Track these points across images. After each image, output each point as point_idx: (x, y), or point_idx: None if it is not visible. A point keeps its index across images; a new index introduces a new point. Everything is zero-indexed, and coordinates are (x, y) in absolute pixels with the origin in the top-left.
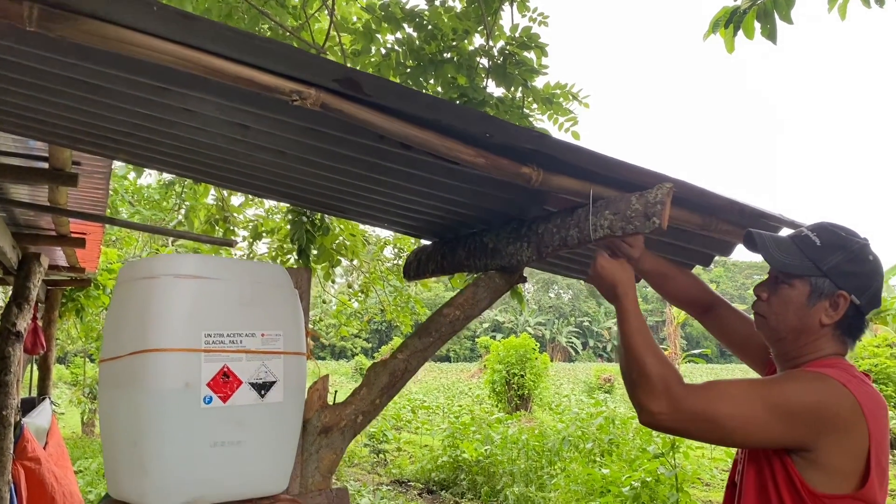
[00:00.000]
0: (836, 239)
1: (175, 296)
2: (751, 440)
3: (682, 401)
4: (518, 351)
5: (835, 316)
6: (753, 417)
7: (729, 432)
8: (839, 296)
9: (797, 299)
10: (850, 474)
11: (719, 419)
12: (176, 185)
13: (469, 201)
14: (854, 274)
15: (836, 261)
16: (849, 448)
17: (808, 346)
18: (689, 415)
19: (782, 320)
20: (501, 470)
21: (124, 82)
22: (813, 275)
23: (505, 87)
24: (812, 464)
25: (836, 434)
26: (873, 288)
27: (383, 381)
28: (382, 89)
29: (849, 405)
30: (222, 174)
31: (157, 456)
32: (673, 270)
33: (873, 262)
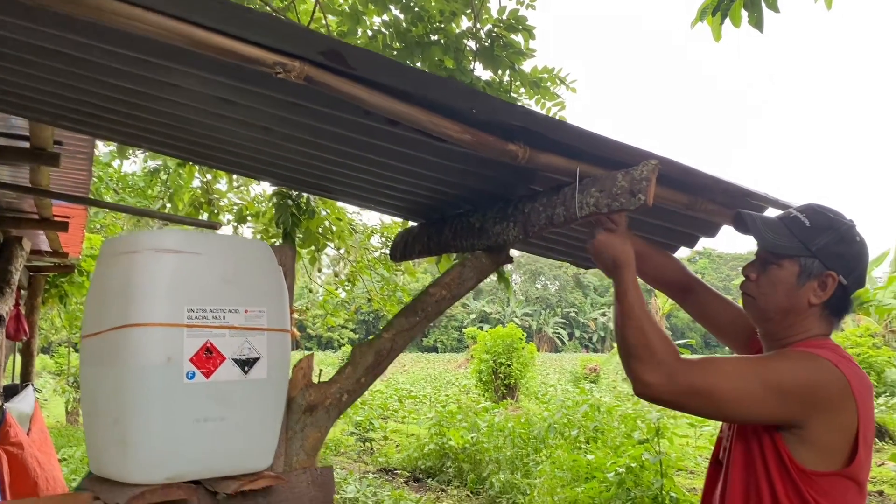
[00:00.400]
0: (824, 220)
1: (157, 270)
2: (744, 415)
3: (678, 374)
4: (505, 340)
5: (823, 296)
6: (748, 393)
7: (723, 407)
8: (827, 276)
9: (786, 279)
10: (838, 452)
11: (714, 393)
12: (161, 172)
13: (456, 180)
14: (842, 255)
15: (825, 241)
16: (838, 426)
17: (795, 325)
18: (684, 388)
19: (771, 300)
20: (487, 457)
21: (105, 54)
22: (802, 255)
23: (492, 69)
24: (802, 441)
25: (827, 412)
26: (859, 269)
27: (368, 360)
28: (367, 62)
29: (839, 384)
30: (206, 152)
31: (139, 431)
32: (652, 251)
33: (860, 243)
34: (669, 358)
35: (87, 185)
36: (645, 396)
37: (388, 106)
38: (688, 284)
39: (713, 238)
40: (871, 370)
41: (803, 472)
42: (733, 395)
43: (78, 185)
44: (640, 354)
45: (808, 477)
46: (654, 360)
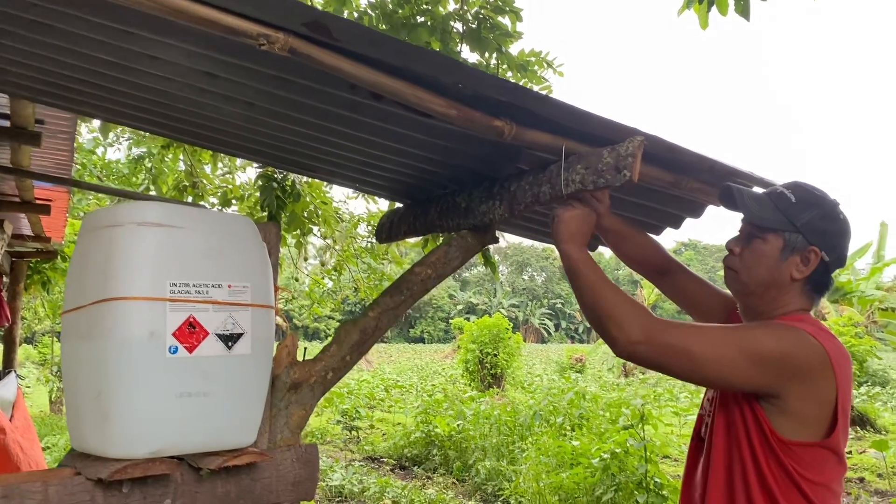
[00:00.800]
0: (810, 196)
1: (139, 244)
2: (723, 380)
3: (657, 331)
4: (492, 331)
5: (805, 271)
6: (727, 357)
7: (703, 368)
8: (811, 251)
9: (770, 253)
10: (817, 423)
11: (694, 354)
12: (145, 159)
13: (441, 159)
14: (826, 231)
15: (810, 217)
16: (817, 397)
17: (776, 300)
18: (665, 347)
19: (754, 274)
20: (473, 445)
21: (87, 25)
22: (787, 229)
23: (479, 52)
24: (781, 411)
25: (805, 383)
26: (841, 246)
27: (354, 339)
28: (352, 34)
29: (818, 356)
30: (189, 129)
31: (121, 406)
32: (631, 231)
33: (843, 221)
34: (647, 317)
35: (69, 166)
36: (627, 355)
37: (373, 79)
38: (666, 265)
39: (698, 218)
40: (854, 359)
41: (783, 442)
42: (712, 358)
43: (60, 167)
44: (616, 316)
45: (788, 447)
46: (632, 319)
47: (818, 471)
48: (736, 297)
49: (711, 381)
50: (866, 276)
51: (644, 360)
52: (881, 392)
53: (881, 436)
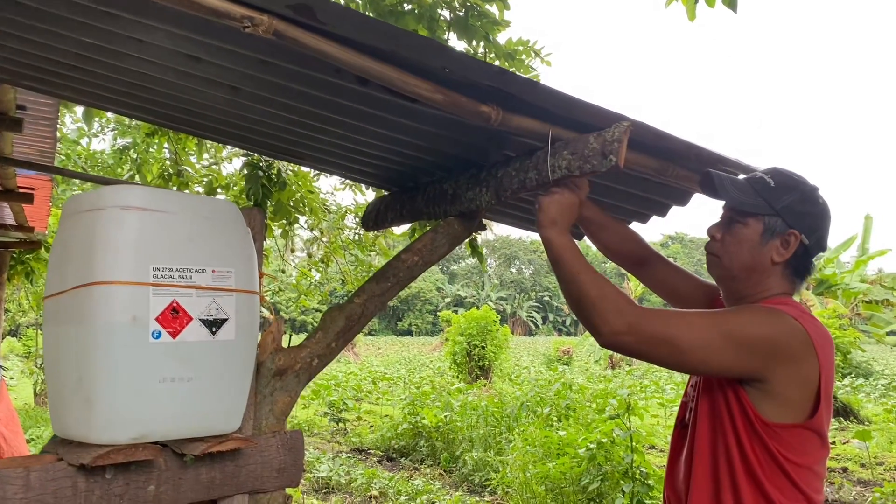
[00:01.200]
0: (789, 181)
1: (122, 228)
2: (707, 366)
3: (641, 321)
4: (479, 323)
5: (785, 254)
6: (711, 344)
7: (687, 356)
8: (790, 234)
9: (751, 237)
10: (800, 405)
11: (678, 342)
12: (130, 150)
13: (428, 145)
14: (805, 214)
15: (789, 201)
16: (800, 379)
17: (758, 284)
18: (649, 336)
19: (735, 258)
20: (461, 436)
21: (68, 7)
22: (766, 213)
23: (467, 40)
24: (765, 394)
25: (789, 365)
26: (821, 230)
27: (339, 325)
28: (337, 16)
29: (801, 338)
30: (173, 114)
31: (103, 391)
32: (610, 221)
33: (822, 205)
34: (630, 306)
35: (52, 153)
36: (610, 345)
37: (359, 63)
38: (646, 255)
39: (684, 206)
40: (838, 351)
41: (767, 425)
42: (697, 345)
43: (42, 154)
44: (600, 306)
45: (772, 430)
46: (616, 308)
47: (802, 452)
48: (718, 282)
49: (696, 367)
50: (851, 269)
51: (628, 349)
52: (864, 383)
53: (864, 426)
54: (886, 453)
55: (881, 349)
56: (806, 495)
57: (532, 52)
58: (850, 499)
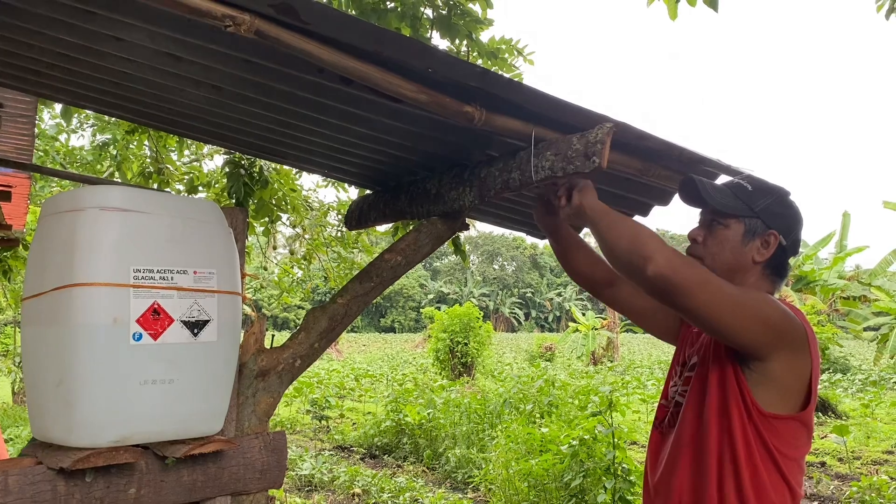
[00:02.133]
0: (764, 185)
1: (102, 229)
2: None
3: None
4: (462, 319)
5: (766, 254)
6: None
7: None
8: (770, 234)
9: (733, 238)
10: (794, 395)
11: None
12: (110, 146)
13: (411, 145)
14: (782, 215)
15: (767, 203)
16: (797, 369)
17: (741, 284)
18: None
19: (719, 259)
20: (444, 433)
21: (47, 4)
22: (746, 215)
23: (450, 38)
24: (763, 378)
25: (788, 350)
26: (796, 231)
27: (322, 326)
28: (320, 16)
29: (800, 331)
30: (154, 113)
31: (83, 394)
32: (584, 244)
33: (796, 207)
34: (673, 251)
35: (30, 151)
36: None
37: (342, 63)
38: (615, 277)
39: (666, 206)
40: None
41: (763, 414)
42: (730, 300)
43: (20, 152)
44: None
45: (767, 420)
46: (669, 249)
47: (793, 445)
48: None
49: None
50: (829, 266)
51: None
52: (842, 378)
53: (842, 421)
54: (864, 448)
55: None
56: (791, 488)
57: (515, 51)
58: (828, 493)
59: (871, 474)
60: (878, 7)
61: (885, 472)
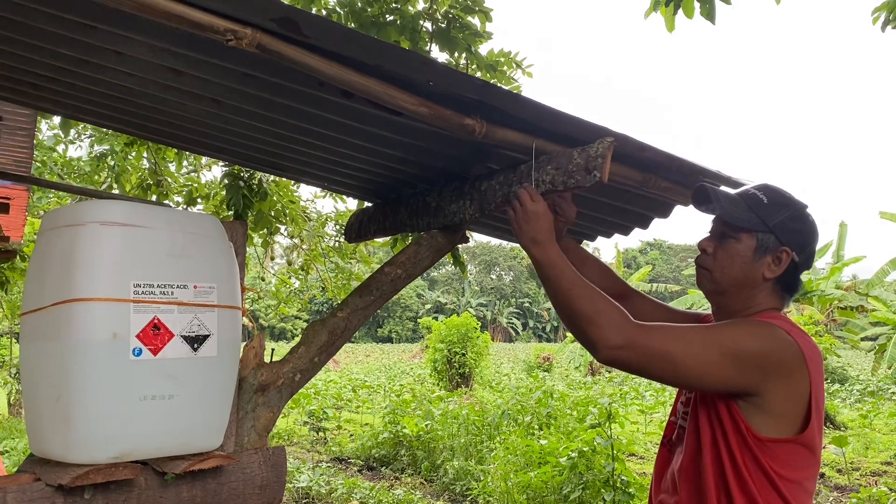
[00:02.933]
0: (781, 198)
1: (102, 244)
2: (704, 381)
3: (639, 336)
4: (460, 330)
5: (777, 271)
6: (708, 359)
7: (685, 371)
8: (782, 251)
9: (743, 252)
10: (792, 419)
11: (675, 357)
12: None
13: (412, 158)
14: (797, 231)
15: (782, 218)
16: (792, 394)
17: (749, 299)
18: (645, 350)
19: (727, 273)
20: (442, 445)
21: (47, 19)
22: (760, 230)
23: (449, 51)
24: (757, 409)
25: (781, 379)
26: (811, 247)
27: (322, 340)
28: (321, 30)
29: (793, 352)
30: (154, 126)
31: (82, 409)
32: (589, 256)
33: (812, 223)
34: (627, 321)
35: (28, 164)
36: (609, 360)
37: (343, 76)
38: (624, 290)
39: (666, 218)
40: None
41: (759, 439)
42: (693, 361)
43: (19, 164)
44: (596, 321)
45: (764, 445)
46: (613, 323)
47: (792, 468)
48: (708, 297)
49: (694, 383)
50: (826, 276)
51: (626, 365)
52: (840, 389)
53: (840, 432)
54: (862, 458)
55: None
56: None
57: (514, 64)
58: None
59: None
60: (874, 19)
61: (884, 483)
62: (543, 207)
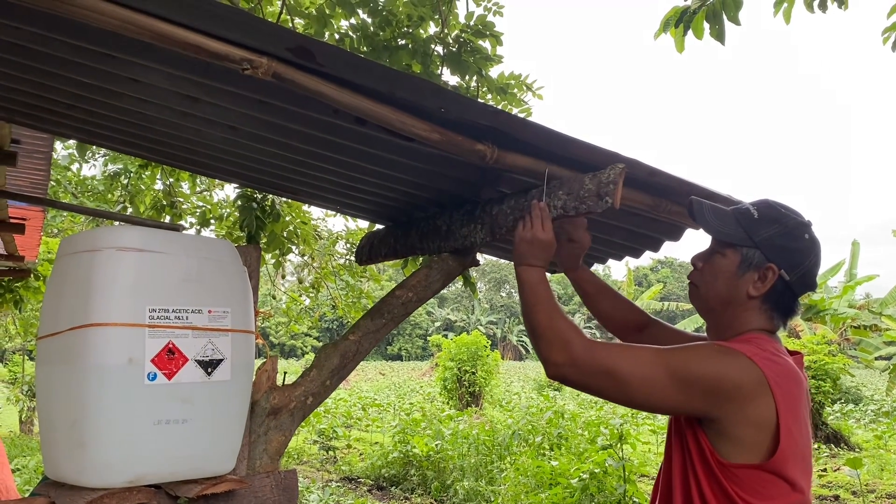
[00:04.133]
0: (773, 213)
1: (118, 269)
2: (651, 402)
3: (583, 353)
4: (470, 348)
5: (762, 288)
6: (653, 379)
7: (629, 390)
8: (768, 268)
9: (727, 268)
10: (756, 445)
11: (620, 375)
12: (121, 176)
13: (423, 182)
14: (786, 248)
15: (770, 234)
16: (752, 419)
17: (736, 318)
18: (589, 367)
19: (712, 289)
20: (452, 465)
21: (66, 48)
22: (745, 245)
23: (460, 75)
24: (719, 434)
25: (737, 404)
26: (805, 266)
27: (334, 363)
28: (336, 59)
29: (752, 377)
30: (170, 151)
31: (97, 433)
32: (605, 287)
33: (808, 240)
34: (578, 339)
35: (44, 186)
36: (555, 377)
37: (357, 104)
38: (646, 320)
39: (677, 242)
40: (828, 377)
41: (723, 465)
42: (638, 380)
43: (35, 186)
44: (547, 336)
45: (728, 470)
46: (561, 340)
47: (761, 496)
48: (700, 314)
49: (642, 403)
50: (839, 295)
51: (572, 382)
52: (854, 409)
53: (855, 453)
54: (877, 480)
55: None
56: None
57: (524, 86)
58: None
59: None
60: (885, 39)
61: None
62: (550, 239)
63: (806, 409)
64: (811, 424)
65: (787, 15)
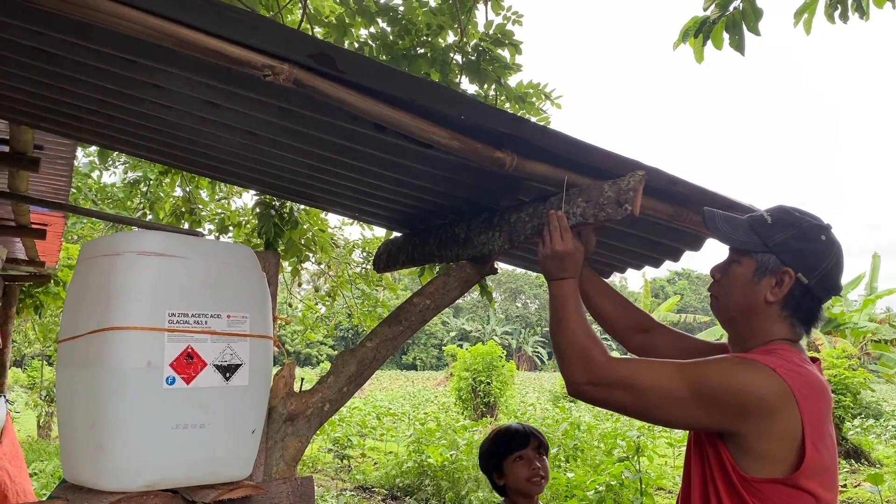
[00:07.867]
0: (787, 217)
1: (138, 273)
2: (671, 418)
3: (602, 370)
4: (485, 358)
5: (779, 293)
6: (672, 394)
7: (649, 406)
8: (784, 272)
9: (744, 275)
10: (780, 459)
11: (639, 391)
12: (141, 183)
13: (441, 189)
14: (802, 251)
15: (784, 237)
16: (776, 434)
17: (757, 327)
18: (608, 384)
19: (730, 298)
20: (466, 475)
21: (89, 53)
22: (759, 250)
23: (478, 83)
24: (741, 448)
25: (761, 418)
26: (824, 268)
27: (351, 370)
28: (357, 66)
29: (777, 390)
30: (190, 157)
31: (116, 437)
32: (607, 288)
33: (826, 242)
34: (599, 356)
35: (66, 191)
36: (574, 394)
37: (377, 111)
38: (650, 325)
39: (698, 251)
40: (848, 391)
41: (744, 479)
42: (658, 395)
43: (57, 192)
44: (567, 354)
45: (750, 485)
46: (582, 357)
47: None
48: (722, 326)
49: (658, 417)
50: (859, 308)
51: (591, 399)
52: (875, 424)
53: (875, 469)
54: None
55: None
56: None
57: (543, 95)
58: None
59: None
60: None
61: None
62: (572, 246)
63: (830, 420)
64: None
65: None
